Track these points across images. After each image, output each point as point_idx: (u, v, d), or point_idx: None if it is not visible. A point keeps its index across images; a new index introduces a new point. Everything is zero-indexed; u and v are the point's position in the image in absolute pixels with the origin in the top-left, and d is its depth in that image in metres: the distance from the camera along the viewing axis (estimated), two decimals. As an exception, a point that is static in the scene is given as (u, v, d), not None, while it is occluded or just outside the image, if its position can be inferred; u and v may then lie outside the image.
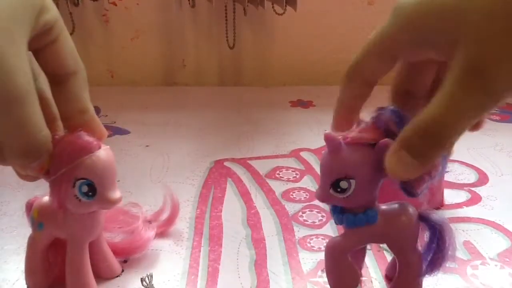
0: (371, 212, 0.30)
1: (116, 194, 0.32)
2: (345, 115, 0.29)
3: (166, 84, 0.89)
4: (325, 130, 0.29)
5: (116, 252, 0.38)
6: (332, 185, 0.29)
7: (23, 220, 0.37)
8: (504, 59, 0.21)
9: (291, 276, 0.37)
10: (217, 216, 0.46)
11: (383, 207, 0.31)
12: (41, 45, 0.28)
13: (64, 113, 0.30)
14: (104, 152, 0.31)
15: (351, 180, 0.28)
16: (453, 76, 0.22)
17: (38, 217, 0.34)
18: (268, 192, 0.50)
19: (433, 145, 0.23)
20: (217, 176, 0.54)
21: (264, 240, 0.42)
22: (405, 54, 0.27)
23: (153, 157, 0.59)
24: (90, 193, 0.30)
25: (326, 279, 0.37)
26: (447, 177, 0.51)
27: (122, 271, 0.38)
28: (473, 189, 0.51)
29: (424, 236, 0.31)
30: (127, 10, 0.84)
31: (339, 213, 0.31)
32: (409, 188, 0.28)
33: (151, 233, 0.40)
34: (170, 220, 0.43)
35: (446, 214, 0.46)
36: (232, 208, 0.47)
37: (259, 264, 0.39)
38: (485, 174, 0.55)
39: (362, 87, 0.29)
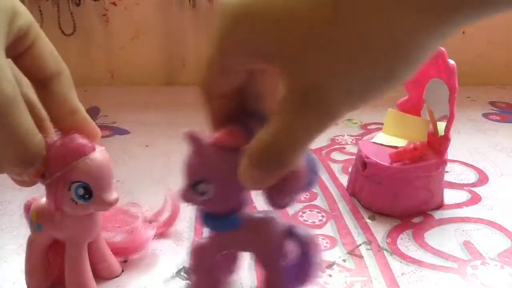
0: (232, 218, 0.29)
1: (113, 195, 0.32)
2: (217, 126, 0.27)
3: (166, 84, 0.89)
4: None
5: (115, 252, 0.38)
6: (192, 187, 0.28)
7: (23, 220, 0.37)
8: (334, 77, 0.19)
9: (291, 276, 0.37)
10: (217, 216, 0.46)
11: (250, 214, 0.30)
12: (18, 51, 0.27)
13: (54, 116, 0.30)
14: (99, 154, 0.31)
15: (209, 185, 0.27)
16: (285, 98, 0.21)
17: (36, 218, 0.34)
18: (268, 192, 0.50)
19: (275, 163, 0.23)
20: (217, 176, 0.54)
21: (264, 240, 0.42)
22: (244, 63, 0.23)
23: (153, 157, 0.58)
24: (86, 196, 0.30)
25: (326, 279, 0.37)
26: (447, 177, 0.51)
27: (122, 271, 0.38)
28: (473, 189, 0.51)
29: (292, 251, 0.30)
30: (127, 10, 0.84)
31: (205, 215, 0.30)
32: (272, 200, 0.27)
33: (150, 232, 0.40)
34: (171, 220, 0.43)
35: (446, 214, 0.46)
36: (232, 208, 0.47)
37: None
38: (485, 174, 0.55)
39: (220, 102, 0.26)
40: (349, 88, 0.20)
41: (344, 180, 0.52)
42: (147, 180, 0.53)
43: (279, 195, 0.27)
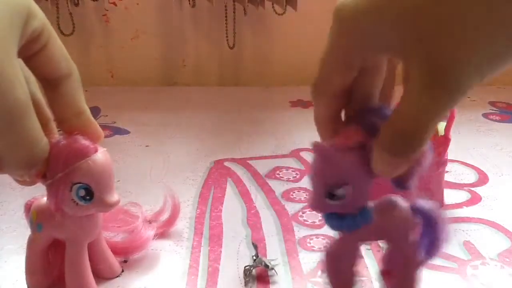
0: (366, 212, 0.30)
1: (114, 197, 0.32)
2: (328, 129, 0.29)
3: (166, 84, 0.89)
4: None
5: (115, 252, 0.38)
6: (328, 194, 0.28)
7: (23, 220, 0.37)
8: (465, 54, 0.21)
9: (291, 276, 0.37)
10: (217, 216, 0.46)
11: (375, 203, 0.31)
12: (31, 52, 0.27)
13: (60, 116, 0.30)
14: (101, 156, 0.31)
15: (346, 187, 0.28)
16: (416, 78, 0.22)
17: (37, 218, 0.34)
18: (268, 192, 0.50)
19: (411, 145, 0.24)
20: (217, 176, 0.54)
21: (264, 240, 0.42)
22: (361, 60, 0.25)
23: (153, 157, 0.58)
24: (87, 197, 0.30)
25: (326, 279, 0.37)
26: (447, 177, 0.51)
27: (122, 271, 0.38)
28: (473, 189, 0.51)
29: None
30: (127, 10, 0.84)
31: (336, 218, 0.30)
32: (400, 182, 0.29)
33: (151, 232, 0.40)
34: (171, 220, 0.43)
35: (446, 214, 0.46)
36: (232, 208, 0.47)
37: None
38: (485, 174, 0.55)
39: (333, 100, 0.27)
40: (480, 64, 0.21)
41: (344, 180, 0.52)
42: (147, 180, 0.53)
43: (407, 176, 0.28)
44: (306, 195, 0.50)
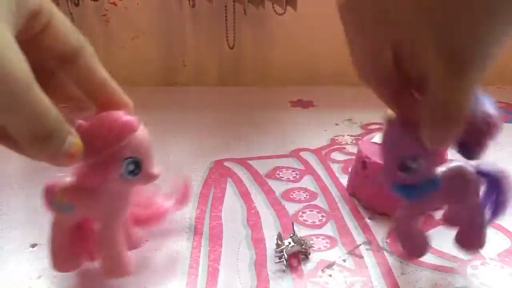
0: (436, 181, 0.31)
1: (157, 169, 0.32)
2: (396, 103, 0.30)
3: (166, 84, 0.89)
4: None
5: (137, 223, 0.38)
6: (401, 167, 0.30)
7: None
8: (478, 38, 0.23)
9: (291, 276, 0.37)
10: (217, 216, 0.46)
11: (442, 170, 0.32)
12: (36, 30, 0.27)
13: (87, 90, 0.30)
14: (143, 128, 0.31)
15: (420, 160, 0.30)
16: (431, 68, 0.24)
17: (68, 199, 0.32)
18: (268, 192, 0.50)
19: (445, 124, 0.26)
20: (217, 176, 0.54)
21: (264, 240, 0.42)
22: (382, 42, 0.27)
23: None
24: (136, 171, 0.30)
25: (326, 279, 0.37)
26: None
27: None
28: (473, 189, 0.51)
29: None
30: (127, 10, 0.84)
31: (406, 189, 0.31)
32: (467, 153, 0.30)
33: (169, 203, 0.40)
34: (183, 199, 0.42)
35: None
36: (232, 208, 0.47)
37: (259, 264, 0.39)
38: (485, 174, 0.55)
39: (380, 84, 0.29)
40: (488, 48, 0.24)
41: (344, 180, 0.52)
42: (147, 180, 0.53)
43: (476, 146, 0.30)
44: (306, 195, 0.50)
